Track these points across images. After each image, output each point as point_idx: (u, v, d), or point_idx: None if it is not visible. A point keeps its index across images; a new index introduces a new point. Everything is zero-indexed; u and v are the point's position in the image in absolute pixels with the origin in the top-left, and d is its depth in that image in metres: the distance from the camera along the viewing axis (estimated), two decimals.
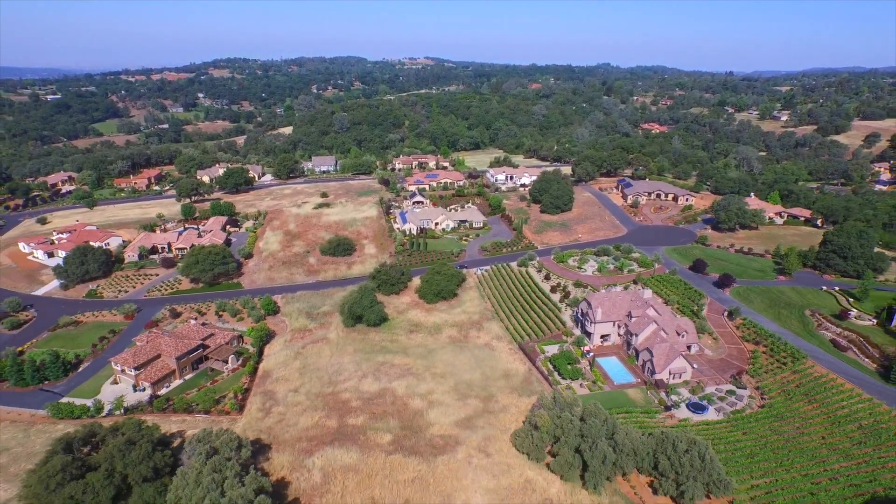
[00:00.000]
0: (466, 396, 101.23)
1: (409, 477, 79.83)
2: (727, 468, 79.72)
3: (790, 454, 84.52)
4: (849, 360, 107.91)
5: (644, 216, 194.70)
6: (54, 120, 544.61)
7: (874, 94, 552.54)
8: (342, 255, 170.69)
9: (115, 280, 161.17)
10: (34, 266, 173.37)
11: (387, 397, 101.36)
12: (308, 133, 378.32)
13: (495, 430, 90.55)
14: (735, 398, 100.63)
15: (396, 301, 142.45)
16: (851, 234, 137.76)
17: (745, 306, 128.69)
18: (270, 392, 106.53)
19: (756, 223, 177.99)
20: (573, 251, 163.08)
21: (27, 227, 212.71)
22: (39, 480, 70.22)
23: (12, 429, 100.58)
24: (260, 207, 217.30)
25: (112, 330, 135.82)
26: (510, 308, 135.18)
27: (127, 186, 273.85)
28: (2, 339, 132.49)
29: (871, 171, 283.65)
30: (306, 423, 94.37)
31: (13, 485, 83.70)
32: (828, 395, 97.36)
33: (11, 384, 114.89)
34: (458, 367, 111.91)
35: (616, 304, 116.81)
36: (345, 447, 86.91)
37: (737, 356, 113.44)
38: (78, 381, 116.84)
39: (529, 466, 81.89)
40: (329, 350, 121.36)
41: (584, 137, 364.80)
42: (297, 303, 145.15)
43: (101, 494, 70.93)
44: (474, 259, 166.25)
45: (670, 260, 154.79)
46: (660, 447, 76.62)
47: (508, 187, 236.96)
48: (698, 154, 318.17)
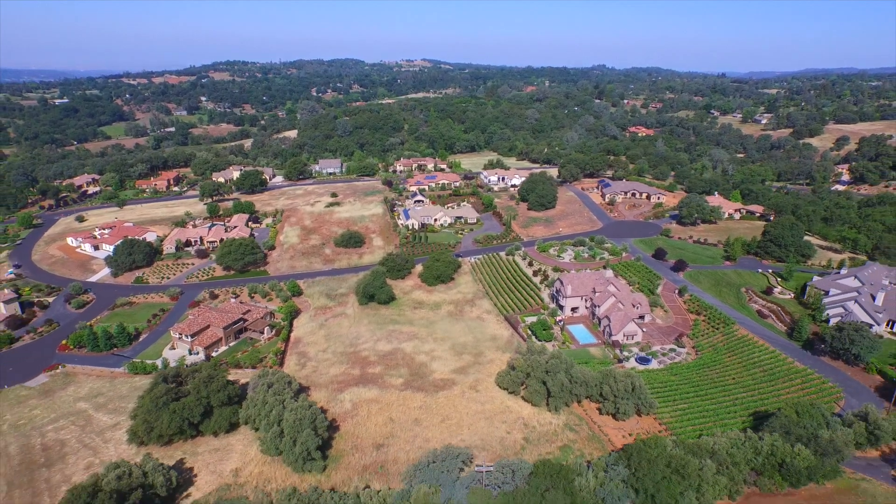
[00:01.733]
0: (461, 353, 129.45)
1: (417, 405, 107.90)
2: (659, 399, 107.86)
3: (707, 389, 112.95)
4: (767, 325, 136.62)
5: (619, 212, 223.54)
6: (63, 123, 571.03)
7: (855, 98, 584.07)
8: (353, 246, 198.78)
9: (157, 269, 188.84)
10: (83, 257, 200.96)
11: (398, 354, 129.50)
12: (313, 137, 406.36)
13: (483, 375, 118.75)
14: (675, 354, 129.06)
15: (402, 284, 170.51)
16: (785, 226, 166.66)
17: (693, 285, 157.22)
18: (303, 352, 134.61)
19: (714, 218, 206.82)
20: (554, 242, 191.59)
21: (67, 225, 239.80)
22: (151, 400, 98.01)
23: (100, 381, 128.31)
24: (276, 206, 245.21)
25: (161, 309, 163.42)
26: (498, 289, 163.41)
27: (148, 188, 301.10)
28: (71, 316, 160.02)
29: (834, 172, 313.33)
30: (335, 372, 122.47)
31: (114, 415, 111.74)
32: (745, 349, 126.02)
33: (88, 350, 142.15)
34: (455, 333, 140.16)
35: (583, 282, 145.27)
36: (367, 387, 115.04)
37: (681, 324, 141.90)
38: (142, 348, 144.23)
39: (508, 398, 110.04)
40: (348, 322, 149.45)
41: (573, 140, 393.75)
42: (317, 286, 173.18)
43: (194, 411, 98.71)
44: (468, 249, 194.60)
45: (637, 249, 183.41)
46: (605, 380, 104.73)
47: (500, 187, 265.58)
48: (679, 156, 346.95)
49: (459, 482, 77.47)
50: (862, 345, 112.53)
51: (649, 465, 79.15)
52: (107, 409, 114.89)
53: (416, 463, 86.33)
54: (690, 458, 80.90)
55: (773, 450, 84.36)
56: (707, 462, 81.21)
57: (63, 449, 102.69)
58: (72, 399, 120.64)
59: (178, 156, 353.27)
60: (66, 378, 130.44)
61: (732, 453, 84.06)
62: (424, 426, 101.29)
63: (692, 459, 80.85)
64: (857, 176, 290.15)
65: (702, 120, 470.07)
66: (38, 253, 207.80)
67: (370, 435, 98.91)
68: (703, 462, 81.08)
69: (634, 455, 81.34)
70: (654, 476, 78.03)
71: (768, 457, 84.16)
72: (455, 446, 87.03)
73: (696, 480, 79.21)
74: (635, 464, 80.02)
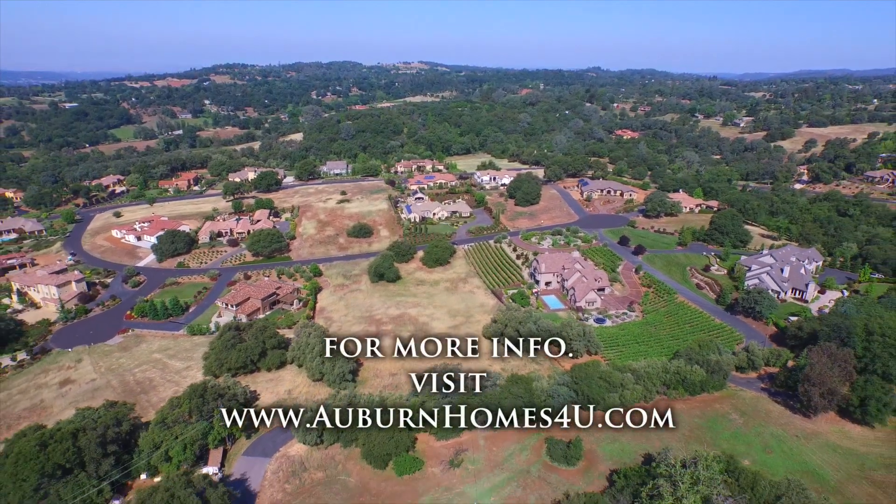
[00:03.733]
0: (455, 316, 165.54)
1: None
2: (607, 346, 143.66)
3: (645, 339, 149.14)
4: (702, 294, 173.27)
5: (594, 207, 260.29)
6: (74, 127, 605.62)
7: (834, 102, 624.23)
8: (363, 236, 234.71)
9: (195, 255, 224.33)
10: (128, 247, 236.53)
11: (405, 317, 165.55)
12: (318, 140, 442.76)
13: (472, 329, 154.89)
14: (626, 316, 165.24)
15: (406, 266, 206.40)
16: (727, 217, 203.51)
17: (648, 265, 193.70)
18: (328, 317, 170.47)
19: (675, 212, 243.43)
20: (536, 232, 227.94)
21: (106, 220, 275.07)
22: (221, 343, 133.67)
23: (165, 340, 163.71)
24: (292, 203, 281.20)
25: (204, 287, 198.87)
26: (487, 269, 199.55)
27: (171, 188, 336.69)
28: (129, 293, 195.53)
29: (796, 172, 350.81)
30: (356, 329, 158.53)
31: (185, 361, 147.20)
32: (681, 312, 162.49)
33: (150, 319, 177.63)
34: (450, 302, 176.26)
35: (555, 261, 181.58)
36: (382, 338, 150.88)
37: (634, 295, 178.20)
38: (193, 317, 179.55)
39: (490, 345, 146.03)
40: (363, 295, 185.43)
41: (561, 143, 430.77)
42: (334, 269, 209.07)
43: (253, 351, 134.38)
44: (462, 238, 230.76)
45: (605, 237, 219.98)
46: (563, 328, 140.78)
47: (491, 186, 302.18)
48: (659, 158, 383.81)
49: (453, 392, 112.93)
50: (763, 305, 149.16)
51: (586, 376, 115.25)
52: (178, 358, 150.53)
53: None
54: (616, 373, 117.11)
55: (678, 369, 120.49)
56: (628, 375, 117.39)
57: (152, 382, 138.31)
58: (147, 352, 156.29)
59: (195, 158, 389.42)
60: (137, 339, 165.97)
61: (648, 372, 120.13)
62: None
63: (617, 373, 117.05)
64: (814, 176, 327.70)
65: (684, 123, 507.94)
66: (88, 243, 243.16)
67: (386, 368, 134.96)
68: (625, 376, 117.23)
69: (577, 371, 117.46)
70: (589, 383, 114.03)
71: (674, 374, 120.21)
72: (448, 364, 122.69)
73: (619, 388, 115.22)
74: (576, 376, 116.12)
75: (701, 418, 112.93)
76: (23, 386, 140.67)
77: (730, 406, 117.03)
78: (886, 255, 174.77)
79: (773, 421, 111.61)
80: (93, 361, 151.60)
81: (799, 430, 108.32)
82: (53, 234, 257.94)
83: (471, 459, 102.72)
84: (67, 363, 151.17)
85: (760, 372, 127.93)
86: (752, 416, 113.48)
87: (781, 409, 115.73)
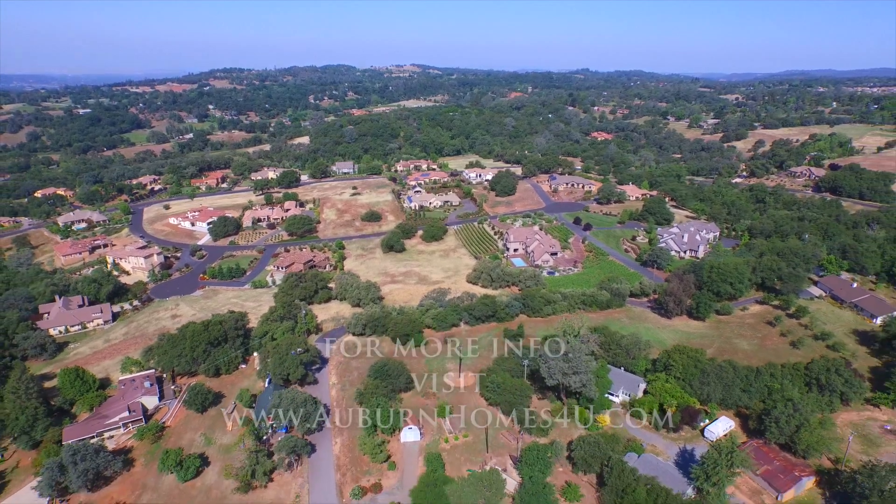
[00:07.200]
0: (447, 271, 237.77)
1: (423, 289, 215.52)
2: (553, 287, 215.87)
3: (581, 283, 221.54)
4: (628, 256, 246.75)
5: (559, 197, 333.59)
6: (90, 131, 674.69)
7: (797, 105, 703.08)
8: (374, 221, 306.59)
9: (242, 236, 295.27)
10: (185, 231, 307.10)
11: (411, 272, 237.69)
12: (324, 143, 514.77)
13: (459, 278, 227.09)
14: (570, 270, 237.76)
15: (410, 241, 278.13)
16: (655, 201, 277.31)
17: (593, 238, 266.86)
18: (354, 274, 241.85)
19: (622, 199, 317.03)
20: (510, 216, 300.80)
21: (157, 212, 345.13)
22: (287, 285, 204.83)
23: (234, 292, 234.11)
24: (312, 196, 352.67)
25: (254, 258, 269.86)
26: (471, 242, 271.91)
27: (203, 185, 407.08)
28: (197, 263, 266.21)
29: (738, 168, 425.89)
30: (375, 280, 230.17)
31: (254, 302, 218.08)
32: (608, 267, 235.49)
33: (219, 280, 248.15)
34: (444, 264, 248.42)
35: (521, 233, 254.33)
36: (395, 284, 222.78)
37: (579, 257, 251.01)
38: (250, 277, 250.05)
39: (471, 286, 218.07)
40: (378, 261, 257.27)
41: (541, 145, 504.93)
42: (354, 244, 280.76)
43: (309, 289, 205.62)
44: (453, 221, 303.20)
45: (563, 219, 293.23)
46: (520, 273, 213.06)
47: (477, 181, 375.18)
48: (626, 157, 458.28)
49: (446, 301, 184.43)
50: (663, 259, 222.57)
51: (531, 295, 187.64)
52: (249, 300, 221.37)
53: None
54: (550, 294, 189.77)
55: (593, 293, 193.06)
56: (558, 296, 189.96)
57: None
58: (225, 298, 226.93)
59: (219, 160, 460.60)
60: (214, 291, 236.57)
61: (572, 294, 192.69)
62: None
63: (551, 295, 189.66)
64: (751, 172, 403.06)
65: (653, 126, 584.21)
66: (150, 229, 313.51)
67: (401, 298, 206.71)
68: (555, 296, 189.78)
69: (526, 294, 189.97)
70: (533, 300, 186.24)
71: (589, 297, 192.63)
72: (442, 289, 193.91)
73: (552, 304, 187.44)
74: (525, 297, 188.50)
75: (603, 321, 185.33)
76: (146, 318, 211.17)
77: (623, 314, 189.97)
78: (763, 226, 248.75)
79: (648, 321, 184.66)
80: (188, 304, 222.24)
81: (662, 325, 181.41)
82: (117, 223, 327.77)
83: (456, 341, 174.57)
84: (170, 306, 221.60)
85: (651, 297, 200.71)
86: (637, 319, 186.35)
87: (656, 316, 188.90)
